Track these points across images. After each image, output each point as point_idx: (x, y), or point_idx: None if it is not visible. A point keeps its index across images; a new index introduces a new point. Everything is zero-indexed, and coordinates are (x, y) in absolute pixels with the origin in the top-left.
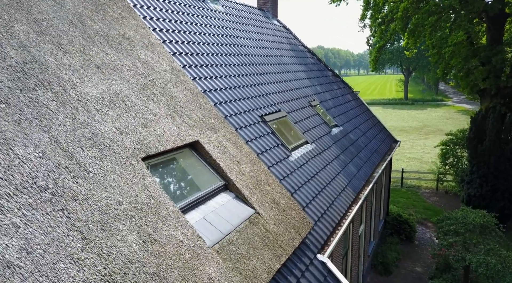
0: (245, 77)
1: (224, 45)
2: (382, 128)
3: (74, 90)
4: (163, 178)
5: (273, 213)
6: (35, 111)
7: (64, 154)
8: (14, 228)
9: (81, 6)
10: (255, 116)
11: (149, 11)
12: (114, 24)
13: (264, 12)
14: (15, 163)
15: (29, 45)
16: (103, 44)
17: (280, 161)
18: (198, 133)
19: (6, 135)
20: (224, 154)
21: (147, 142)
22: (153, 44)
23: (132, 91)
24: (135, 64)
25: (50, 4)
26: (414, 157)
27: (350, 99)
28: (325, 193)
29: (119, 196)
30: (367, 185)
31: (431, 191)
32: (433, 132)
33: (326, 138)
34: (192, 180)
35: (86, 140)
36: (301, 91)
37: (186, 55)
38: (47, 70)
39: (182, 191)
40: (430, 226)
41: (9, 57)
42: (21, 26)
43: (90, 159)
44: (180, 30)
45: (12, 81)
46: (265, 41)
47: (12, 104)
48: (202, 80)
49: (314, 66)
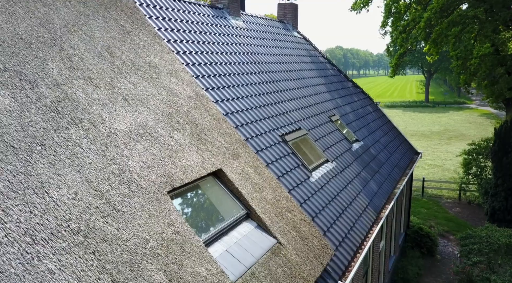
0: (266, 96)
1: (246, 64)
2: (403, 140)
3: (103, 126)
4: (188, 209)
5: (295, 241)
6: (68, 151)
7: (95, 193)
8: (50, 274)
9: (109, 36)
10: (276, 136)
11: (172, 34)
12: (140, 52)
13: (284, 24)
14: (50, 206)
15: (62, 82)
16: (130, 75)
17: (301, 183)
18: (221, 161)
19: (42, 179)
20: (246, 180)
21: (173, 174)
22: (177, 70)
23: (158, 122)
24: (160, 92)
25: (81, 37)
26: (435, 164)
27: (371, 111)
28: (346, 215)
29: (146, 234)
30: (388, 202)
31: (453, 201)
32: (455, 137)
33: (347, 155)
34: (215, 209)
35: (115, 177)
36: (322, 106)
37: (209, 77)
38: (78, 107)
39: (206, 222)
40: (452, 239)
41: (44, 97)
42: (54, 63)
43: (119, 196)
44: (202, 51)
45: (47, 121)
46: (285, 56)
47: (47, 146)
48: (224, 103)
49: (334, 77)
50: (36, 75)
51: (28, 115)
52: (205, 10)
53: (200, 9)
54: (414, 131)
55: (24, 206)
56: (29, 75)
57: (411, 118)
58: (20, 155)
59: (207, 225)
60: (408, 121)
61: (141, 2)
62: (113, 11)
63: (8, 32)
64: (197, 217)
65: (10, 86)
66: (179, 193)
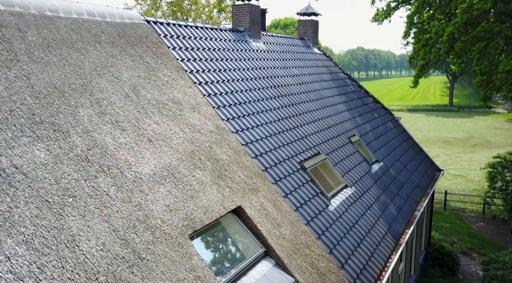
0: (285, 120)
1: (266, 89)
2: (424, 157)
3: (129, 171)
4: (208, 250)
5: (312, 279)
6: (97, 201)
7: (121, 243)
8: None
9: (136, 75)
10: (294, 163)
11: (195, 64)
12: (164, 89)
13: (304, 41)
14: (80, 259)
15: (91, 129)
16: (154, 114)
17: (320, 213)
18: (240, 197)
19: (73, 232)
20: (265, 217)
21: (194, 216)
22: (199, 104)
23: (180, 161)
24: (183, 130)
25: (109, 79)
26: (458, 174)
27: (391, 127)
28: (364, 244)
29: (169, 282)
30: (408, 227)
31: (477, 215)
32: (481, 145)
33: (366, 178)
34: (235, 247)
35: (140, 224)
36: (341, 127)
37: (230, 107)
38: (106, 153)
39: (226, 263)
40: (475, 257)
41: (76, 146)
42: (85, 110)
43: (144, 244)
44: (224, 79)
45: (78, 172)
46: (305, 76)
47: (78, 197)
48: (244, 132)
49: (354, 94)
50: (69, 124)
51: (61, 167)
52: (227, 35)
53: (221, 35)
54: (437, 137)
55: (57, 262)
56: (62, 125)
57: (434, 124)
58: (54, 209)
59: (226, 266)
60: (431, 126)
61: (166, 34)
62: (139, 48)
63: (43, 83)
64: (217, 257)
65: (45, 139)
66: (199, 233)
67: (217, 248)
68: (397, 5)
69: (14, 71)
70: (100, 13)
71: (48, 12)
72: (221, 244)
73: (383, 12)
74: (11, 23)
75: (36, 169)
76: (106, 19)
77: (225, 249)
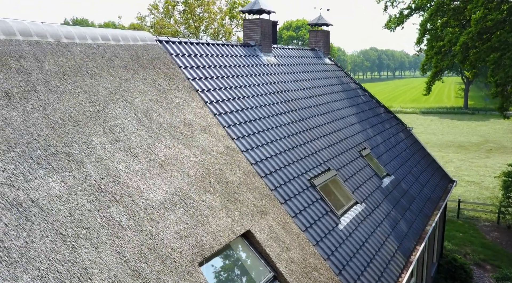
0: (295, 136)
1: (276, 104)
2: (437, 168)
3: (141, 198)
4: (217, 276)
5: None
6: (109, 231)
7: (132, 274)
8: None
9: (148, 98)
10: (304, 181)
11: (206, 82)
12: (175, 111)
13: (316, 52)
14: None
15: (104, 157)
16: (166, 138)
17: (329, 232)
18: (249, 221)
19: (86, 264)
20: (274, 240)
21: (203, 243)
22: (210, 125)
23: (191, 186)
24: (194, 153)
25: (122, 104)
26: (473, 181)
27: (403, 138)
28: (374, 264)
29: None
30: (419, 243)
31: (492, 224)
32: (496, 150)
33: (377, 193)
34: (244, 272)
35: (150, 253)
36: (352, 140)
37: (240, 125)
38: (119, 181)
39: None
40: (489, 269)
41: (89, 176)
42: (98, 138)
43: (154, 274)
44: (234, 97)
45: (91, 202)
46: (316, 88)
47: (91, 229)
48: (254, 151)
49: (365, 104)
50: (83, 154)
51: (75, 198)
52: (238, 50)
53: (232, 50)
54: (451, 141)
55: None
56: (76, 155)
57: (448, 127)
58: (68, 242)
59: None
60: (445, 130)
61: (177, 53)
62: (151, 70)
63: (59, 112)
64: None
65: (60, 170)
66: (209, 259)
67: (226, 273)
68: (410, 12)
69: (32, 102)
70: (114, 37)
71: (64, 39)
72: (231, 269)
73: (396, 19)
74: (29, 53)
75: (51, 201)
76: (119, 42)
77: (234, 274)
